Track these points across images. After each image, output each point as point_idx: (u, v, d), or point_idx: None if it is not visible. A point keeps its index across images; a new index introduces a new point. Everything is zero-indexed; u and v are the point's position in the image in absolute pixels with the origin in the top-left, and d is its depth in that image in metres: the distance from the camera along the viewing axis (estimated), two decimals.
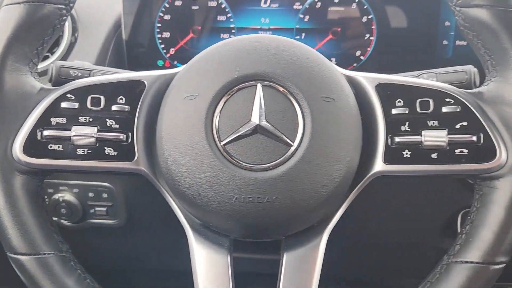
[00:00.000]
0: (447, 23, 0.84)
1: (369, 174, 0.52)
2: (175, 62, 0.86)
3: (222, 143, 0.47)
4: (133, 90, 0.52)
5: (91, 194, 0.84)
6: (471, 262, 0.49)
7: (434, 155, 0.51)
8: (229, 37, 0.84)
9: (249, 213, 0.47)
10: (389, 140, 0.51)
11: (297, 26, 0.85)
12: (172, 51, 0.86)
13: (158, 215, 0.86)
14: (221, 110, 0.48)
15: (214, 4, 0.84)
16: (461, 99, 0.51)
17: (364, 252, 0.95)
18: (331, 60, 0.85)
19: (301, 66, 0.49)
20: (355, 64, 0.86)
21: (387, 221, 0.88)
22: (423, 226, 0.86)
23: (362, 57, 0.86)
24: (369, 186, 0.53)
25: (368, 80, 0.54)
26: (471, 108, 0.51)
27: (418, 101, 0.52)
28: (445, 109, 0.51)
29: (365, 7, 0.83)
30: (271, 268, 0.60)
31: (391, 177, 0.53)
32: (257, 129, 0.47)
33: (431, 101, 0.52)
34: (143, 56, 0.87)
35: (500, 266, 0.49)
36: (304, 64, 0.49)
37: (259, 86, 0.48)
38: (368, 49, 0.85)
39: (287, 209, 0.47)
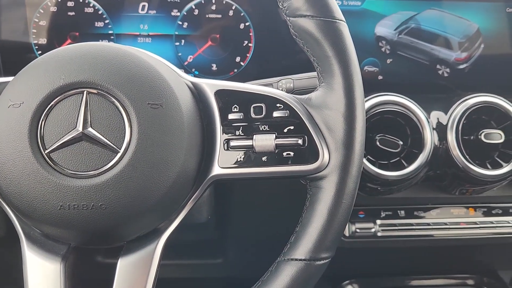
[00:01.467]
0: None
1: (207, 178, 0.53)
2: None
3: (47, 151, 0.47)
4: None
5: None
6: (296, 259, 0.51)
7: (264, 158, 0.53)
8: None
9: (76, 220, 0.47)
10: (225, 145, 0.53)
11: (176, 33, 0.86)
12: None
13: None
14: (46, 118, 0.48)
15: (90, 10, 0.84)
16: (290, 104, 0.54)
17: None
18: (211, 66, 0.88)
19: (128, 73, 0.49)
20: (235, 70, 0.88)
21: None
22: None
23: (242, 63, 0.88)
24: None
25: (209, 86, 0.55)
26: (298, 113, 0.53)
27: (252, 106, 0.54)
28: (275, 114, 0.54)
29: (242, 14, 0.86)
30: None
31: (228, 180, 0.54)
32: (82, 136, 0.47)
33: (264, 106, 0.54)
34: (20, 62, 0.85)
35: (323, 262, 0.51)
36: (132, 71, 0.50)
37: (85, 93, 0.48)
38: (248, 55, 0.88)
39: (114, 215, 0.47)
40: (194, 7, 0.85)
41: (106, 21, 0.84)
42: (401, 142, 0.79)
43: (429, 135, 0.80)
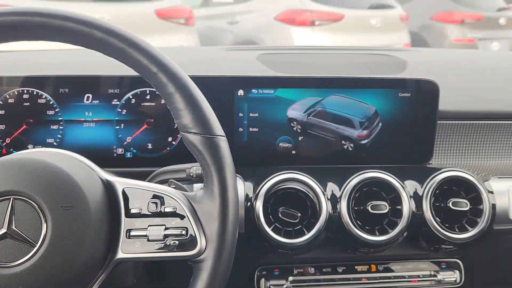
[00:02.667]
0: (240, 114, 1.03)
1: (111, 262, 0.68)
2: (11, 150, 1.00)
3: None
4: None
5: None
6: None
7: (156, 245, 0.68)
8: (58, 128, 1.00)
9: None
10: (127, 234, 0.68)
11: (116, 118, 1.01)
12: (8, 140, 1.00)
13: None
14: None
15: (43, 101, 0.99)
16: (178, 201, 0.69)
17: None
18: (147, 145, 1.03)
19: (46, 182, 0.65)
20: (168, 148, 1.03)
21: None
22: None
23: (173, 142, 1.03)
24: None
25: (119, 183, 0.71)
26: (184, 208, 0.68)
27: (149, 202, 0.69)
28: (166, 209, 0.69)
29: None
30: None
31: (129, 261, 0.69)
32: (7, 234, 0.62)
33: (158, 202, 0.69)
34: None
35: None
36: (50, 180, 0.65)
37: (11, 199, 0.63)
38: (178, 135, 1.03)
39: None
40: (131, 97, 1.01)
41: (57, 110, 1.00)
42: (299, 214, 0.94)
43: (324, 206, 0.95)
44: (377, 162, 1.07)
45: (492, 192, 1.02)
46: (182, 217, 0.68)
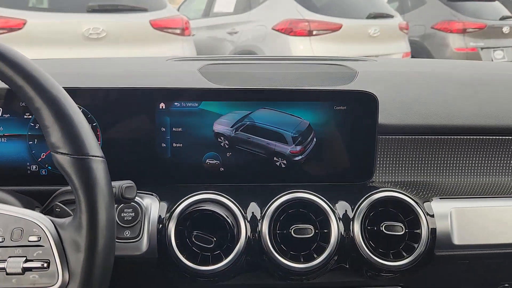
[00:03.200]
0: (162, 129, 0.97)
1: None
2: None
3: None
4: None
5: None
6: None
7: (14, 279, 0.61)
8: None
9: None
10: None
11: (29, 133, 0.95)
12: None
13: None
14: None
15: None
16: (44, 229, 0.62)
17: None
18: None
19: None
20: None
21: None
22: None
23: None
24: None
25: None
26: (48, 238, 0.62)
27: (13, 229, 0.63)
28: (30, 238, 0.62)
29: (89, 116, 0.95)
30: None
31: None
32: None
33: (22, 230, 0.62)
34: None
35: None
36: None
37: None
38: None
39: None
40: None
41: None
42: (214, 238, 0.87)
43: (243, 229, 0.88)
44: (313, 180, 0.99)
45: (432, 215, 0.93)
46: (45, 248, 0.61)
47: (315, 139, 0.99)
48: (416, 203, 0.91)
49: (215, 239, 0.87)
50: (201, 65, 1.25)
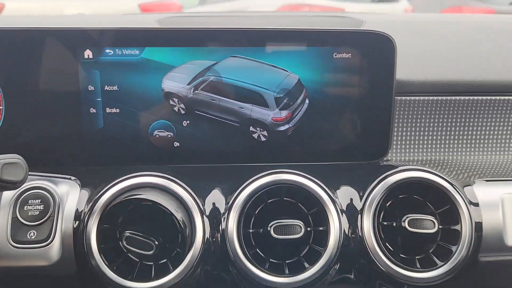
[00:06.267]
0: (90, 88, 0.68)
1: None
2: None
3: None
4: None
5: None
6: None
7: None
8: None
9: None
10: None
11: None
12: None
13: None
14: None
15: None
16: None
17: None
18: None
19: None
20: None
21: None
22: None
23: None
24: None
25: None
26: None
27: None
28: None
29: None
30: None
31: None
32: None
33: None
34: None
35: None
36: None
37: None
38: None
39: None
40: None
41: None
42: (156, 242, 0.58)
43: (199, 228, 0.60)
44: (304, 159, 0.71)
45: (476, 204, 0.65)
46: None
47: (307, 101, 0.70)
48: (453, 186, 0.63)
49: (156, 242, 0.58)
50: (161, 17, 0.96)
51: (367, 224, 0.62)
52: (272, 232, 0.59)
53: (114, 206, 0.60)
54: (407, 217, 0.61)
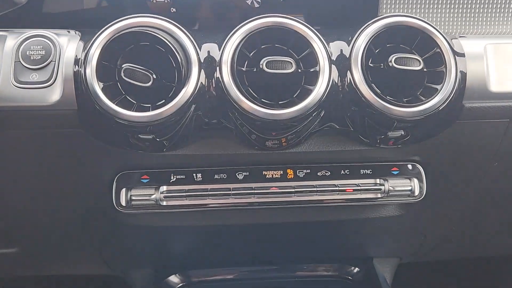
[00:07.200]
0: None
1: None
2: None
3: None
4: None
5: None
6: None
7: None
8: None
9: None
10: None
11: None
12: None
13: None
14: None
15: None
16: None
17: None
18: None
19: None
20: None
21: None
22: None
23: None
24: None
25: None
26: None
27: None
28: None
29: None
30: None
31: None
32: None
33: None
34: None
35: None
36: None
37: None
38: None
39: None
40: None
41: None
42: (153, 75, 0.60)
43: (196, 71, 0.62)
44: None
45: (462, 54, 0.67)
46: None
47: None
48: (441, 34, 0.65)
49: (154, 76, 0.60)
50: None
51: (355, 67, 0.63)
52: (264, 67, 0.61)
53: (114, 42, 0.61)
54: (394, 56, 0.63)
